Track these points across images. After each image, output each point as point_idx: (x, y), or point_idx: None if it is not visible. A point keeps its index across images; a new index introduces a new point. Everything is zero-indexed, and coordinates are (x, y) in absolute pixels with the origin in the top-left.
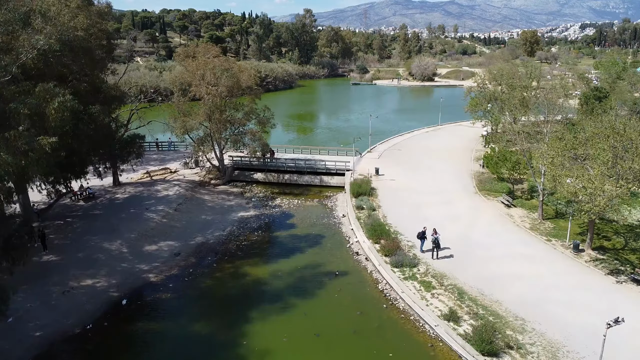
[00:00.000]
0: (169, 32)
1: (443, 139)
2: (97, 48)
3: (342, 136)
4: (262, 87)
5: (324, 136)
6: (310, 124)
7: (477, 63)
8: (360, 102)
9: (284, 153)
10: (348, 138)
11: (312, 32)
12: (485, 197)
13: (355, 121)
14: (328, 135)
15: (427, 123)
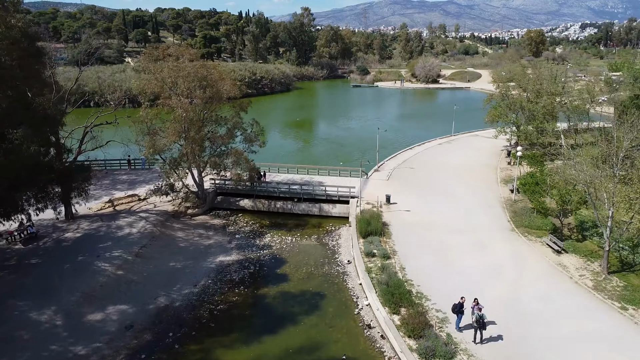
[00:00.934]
0: (162, 32)
1: (460, 154)
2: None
3: (344, 150)
4: (257, 90)
5: (323, 149)
6: (307, 134)
7: (482, 64)
8: (362, 106)
9: (277, 173)
10: (351, 153)
11: (310, 31)
12: (525, 236)
13: (357, 130)
14: (328, 149)
15: (439, 132)
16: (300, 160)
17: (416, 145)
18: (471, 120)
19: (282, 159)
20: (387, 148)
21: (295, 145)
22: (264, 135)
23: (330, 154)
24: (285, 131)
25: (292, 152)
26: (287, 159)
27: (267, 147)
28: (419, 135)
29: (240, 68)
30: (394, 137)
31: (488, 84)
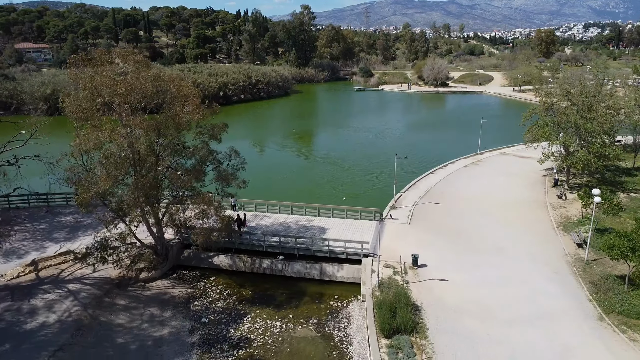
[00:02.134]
0: (155, 32)
1: (495, 182)
2: None
3: (349, 175)
4: (252, 95)
5: (323, 173)
6: (305, 151)
7: (491, 65)
8: (367, 114)
9: (265, 214)
10: (358, 179)
11: (310, 31)
12: (626, 333)
13: (364, 144)
14: (329, 173)
15: (461, 148)
16: (295, 188)
17: (437, 167)
18: (495, 132)
19: (273, 188)
20: (403, 170)
21: (289, 166)
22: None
23: (332, 180)
24: (279, 146)
25: (285, 178)
26: (279, 188)
27: (255, 169)
28: (438, 151)
29: (234, 70)
30: (409, 153)
31: (502, 88)
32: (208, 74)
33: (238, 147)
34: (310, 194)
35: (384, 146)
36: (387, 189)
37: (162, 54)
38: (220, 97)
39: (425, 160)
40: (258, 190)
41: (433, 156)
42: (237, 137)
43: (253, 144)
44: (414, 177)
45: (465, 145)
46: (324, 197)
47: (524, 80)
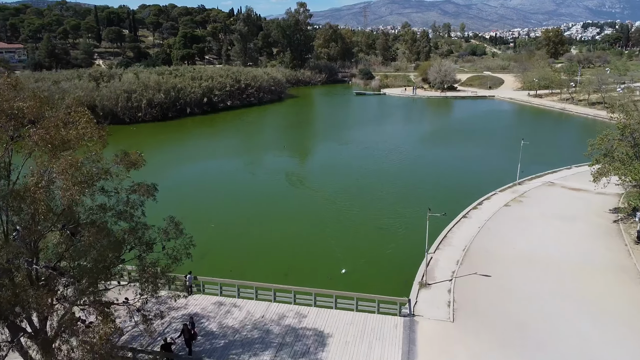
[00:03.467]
0: (142, 31)
1: (552, 231)
2: None
3: (353, 225)
4: (241, 101)
5: (318, 218)
6: (293, 179)
7: (498, 66)
8: (370, 124)
9: (234, 300)
10: (364, 231)
11: (306, 30)
12: None
13: (371, 172)
14: (325, 219)
15: (491, 171)
16: (278, 251)
17: (470, 207)
18: (526, 148)
19: (247, 251)
20: (423, 204)
21: (273, 202)
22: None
23: (329, 232)
24: (263, 171)
25: (264, 232)
26: (256, 250)
27: (225, 215)
28: (464, 177)
29: (221, 74)
30: (428, 179)
31: (515, 92)
32: (191, 77)
33: (210, 171)
34: (299, 259)
35: (397, 173)
36: (407, 246)
37: (148, 54)
38: (205, 104)
39: (452, 191)
40: (225, 253)
41: (460, 184)
42: (215, 156)
43: (229, 169)
44: (441, 222)
45: (495, 168)
46: (320, 261)
47: (540, 84)
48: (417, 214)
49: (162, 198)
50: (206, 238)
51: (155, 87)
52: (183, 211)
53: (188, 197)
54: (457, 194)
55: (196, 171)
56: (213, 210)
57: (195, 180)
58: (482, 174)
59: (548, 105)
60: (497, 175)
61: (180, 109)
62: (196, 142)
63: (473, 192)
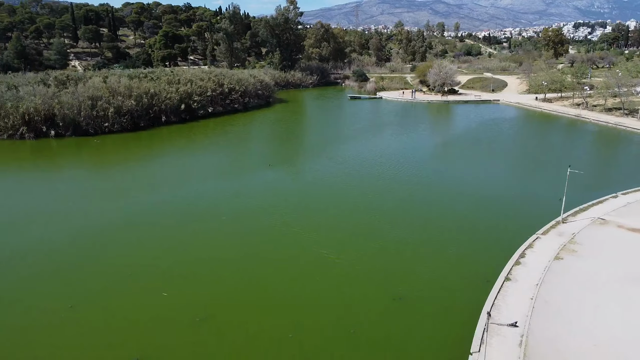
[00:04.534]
0: (123, 30)
1: (633, 306)
2: None
3: (356, 307)
4: (224, 107)
5: (309, 292)
6: (276, 219)
7: (499, 67)
8: (368, 136)
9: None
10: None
11: (296, 29)
12: None
13: (374, 207)
14: (320, 288)
15: (523, 199)
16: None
17: (512, 263)
18: (554, 165)
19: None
20: (441, 249)
21: (254, 244)
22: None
23: (328, 308)
24: (238, 205)
25: (243, 272)
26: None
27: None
28: (491, 209)
29: (202, 77)
30: (447, 213)
31: (520, 95)
32: (167, 81)
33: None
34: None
35: (406, 203)
36: (431, 331)
37: (128, 54)
38: (182, 111)
39: (480, 231)
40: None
41: (489, 219)
42: (183, 179)
43: (196, 198)
44: (477, 287)
45: (526, 193)
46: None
47: (550, 88)
48: (443, 275)
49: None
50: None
51: (125, 93)
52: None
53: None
54: (487, 234)
55: (152, 203)
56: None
57: (147, 219)
58: (512, 203)
59: (561, 111)
60: (531, 204)
61: (154, 117)
62: (164, 160)
63: (507, 232)
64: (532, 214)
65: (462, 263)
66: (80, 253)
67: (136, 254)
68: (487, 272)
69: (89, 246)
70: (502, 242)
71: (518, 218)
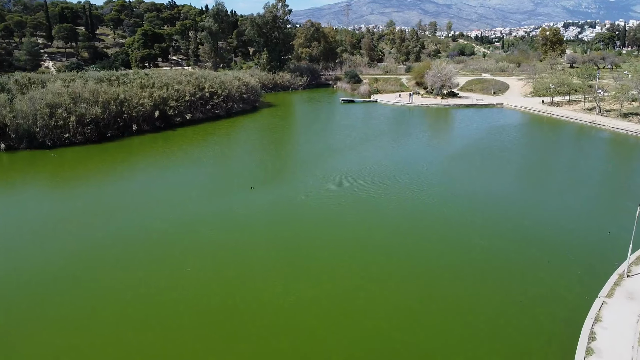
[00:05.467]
0: (103, 29)
1: None
2: None
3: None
4: (204, 113)
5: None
6: (257, 271)
7: (497, 68)
8: (365, 146)
9: None
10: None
11: (285, 27)
12: None
13: (380, 264)
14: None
15: (565, 241)
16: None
17: (582, 350)
18: (582, 185)
19: None
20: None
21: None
22: None
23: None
24: (211, 243)
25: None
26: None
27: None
28: (530, 250)
29: (180, 79)
30: (475, 254)
31: (524, 98)
32: (140, 85)
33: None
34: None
35: (418, 241)
36: None
37: (106, 55)
38: (157, 119)
39: (512, 292)
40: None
41: (527, 265)
42: (147, 206)
43: (158, 235)
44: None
45: (568, 228)
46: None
47: (560, 91)
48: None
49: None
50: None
51: (90, 99)
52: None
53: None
54: (522, 293)
55: (103, 237)
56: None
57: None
58: (550, 241)
59: (572, 117)
60: (577, 244)
61: (124, 125)
62: (128, 178)
63: (555, 290)
64: (583, 257)
65: (493, 351)
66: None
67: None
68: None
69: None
70: (554, 306)
71: (564, 264)
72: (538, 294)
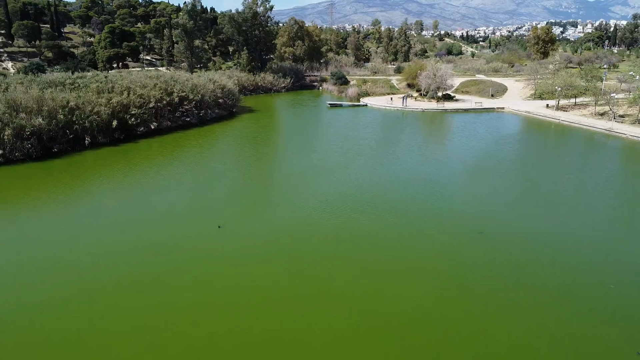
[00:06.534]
0: (71, 27)
1: None
2: None
3: None
4: (172, 121)
5: None
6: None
7: (490, 69)
8: (364, 168)
9: None
10: None
11: (267, 25)
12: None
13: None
14: None
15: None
16: None
17: None
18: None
19: None
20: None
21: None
22: None
23: None
24: (161, 309)
25: None
26: None
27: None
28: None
29: (145, 83)
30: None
31: (526, 102)
32: (97, 90)
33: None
34: None
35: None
36: None
37: (73, 54)
38: (115, 129)
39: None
40: None
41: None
42: (84, 247)
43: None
44: None
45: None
46: None
47: (568, 94)
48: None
49: None
50: None
51: (33, 108)
52: None
53: None
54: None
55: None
56: None
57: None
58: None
59: (585, 124)
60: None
61: (75, 138)
62: (68, 207)
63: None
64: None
65: None
66: None
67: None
68: None
69: None
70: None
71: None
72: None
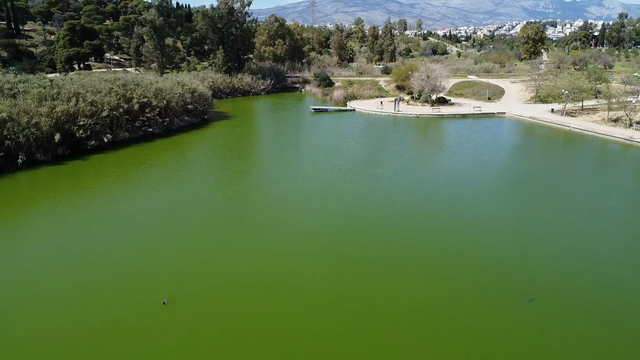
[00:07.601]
0: (31, 24)
1: None
2: None
3: None
4: (131, 132)
5: None
6: None
7: (481, 69)
8: (360, 192)
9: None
10: None
11: (244, 21)
12: None
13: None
14: None
15: None
16: None
17: None
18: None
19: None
20: None
21: None
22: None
23: None
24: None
25: None
26: None
27: None
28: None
29: (99, 87)
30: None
31: (526, 105)
32: (38, 97)
33: None
34: None
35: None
36: None
37: (31, 54)
38: (59, 144)
39: None
40: None
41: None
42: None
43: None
44: None
45: None
46: None
47: (577, 97)
48: None
49: None
50: None
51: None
52: None
53: None
54: None
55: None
56: None
57: None
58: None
59: (599, 132)
60: None
61: (6, 157)
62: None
63: None
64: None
65: None
66: None
67: None
68: None
69: None
70: None
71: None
72: None
